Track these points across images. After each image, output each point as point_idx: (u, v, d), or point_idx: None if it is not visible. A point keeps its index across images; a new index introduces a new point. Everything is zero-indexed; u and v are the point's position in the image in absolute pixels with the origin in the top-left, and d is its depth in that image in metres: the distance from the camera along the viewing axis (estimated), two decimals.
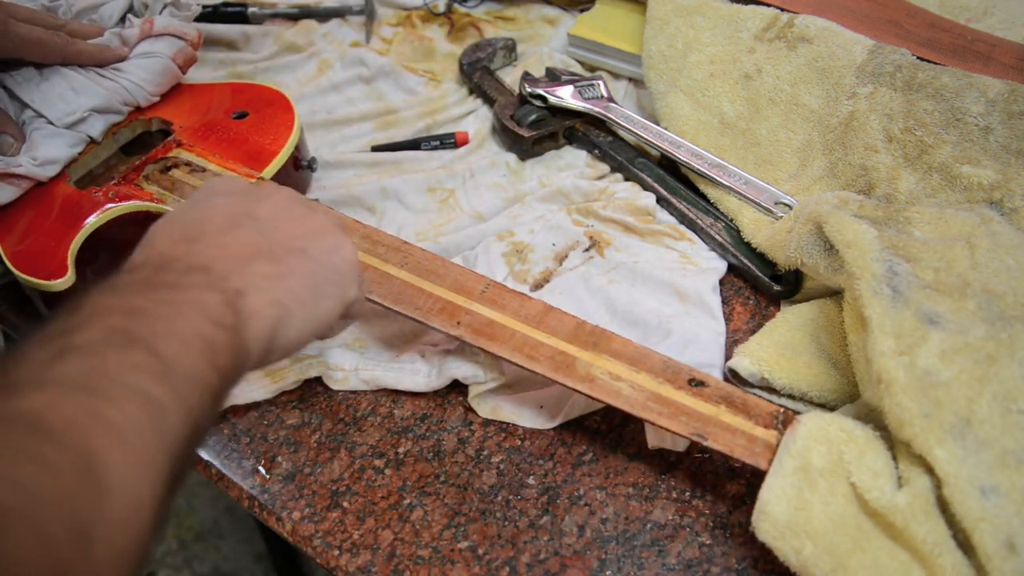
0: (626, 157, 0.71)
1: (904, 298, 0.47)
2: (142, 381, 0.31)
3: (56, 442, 0.27)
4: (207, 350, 0.34)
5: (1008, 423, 0.43)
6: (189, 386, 0.32)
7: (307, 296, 0.40)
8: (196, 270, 0.37)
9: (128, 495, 0.28)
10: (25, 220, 0.61)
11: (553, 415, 0.57)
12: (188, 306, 0.34)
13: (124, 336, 0.31)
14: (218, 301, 0.36)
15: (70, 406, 0.28)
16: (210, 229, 0.40)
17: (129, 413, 0.29)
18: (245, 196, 0.44)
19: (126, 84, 0.67)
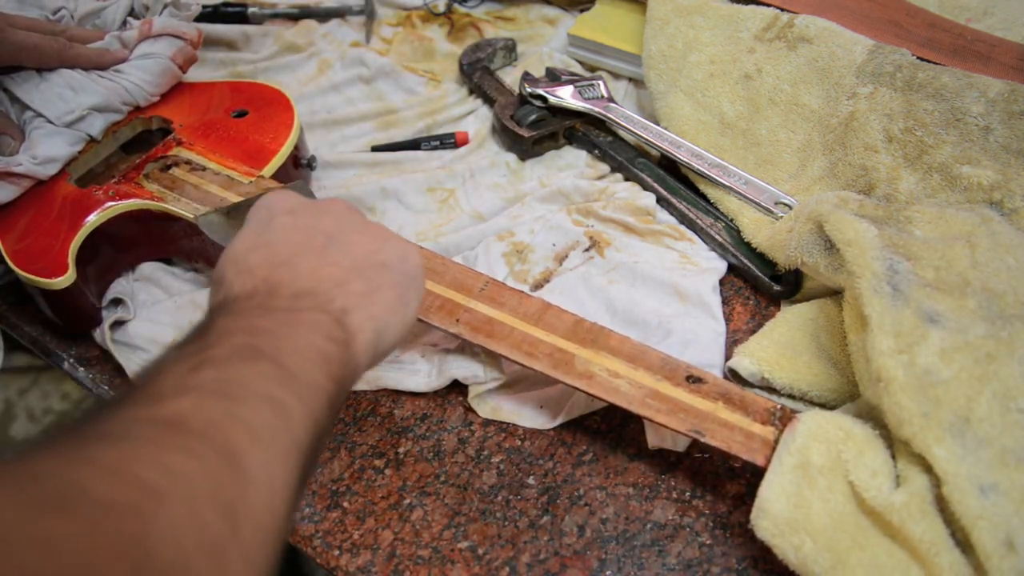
0: (626, 157, 0.71)
1: (904, 296, 0.47)
2: (271, 388, 0.34)
3: (201, 438, 0.30)
4: (324, 362, 0.38)
5: (1007, 422, 0.43)
6: (311, 393, 0.36)
7: (397, 305, 0.44)
8: (303, 295, 0.41)
9: (266, 483, 0.31)
10: (26, 219, 0.61)
11: (553, 415, 0.57)
12: (304, 325, 0.39)
13: (252, 351, 0.35)
14: (328, 320, 0.40)
15: (210, 409, 0.31)
16: (295, 252, 0.43)
17: (262, 415, 0.33)
18: (306, 213, 0.47)
19: (126, 84, 0.67)
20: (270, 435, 0.32)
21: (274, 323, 0.38)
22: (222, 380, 0.33)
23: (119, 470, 0.27)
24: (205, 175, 0.64)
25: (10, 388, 1.80)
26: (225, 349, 0.35)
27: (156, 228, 0.63)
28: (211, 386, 0.33)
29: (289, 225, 0.45)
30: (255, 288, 0.41)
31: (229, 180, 0.63)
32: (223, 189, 0.62)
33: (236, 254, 0.43)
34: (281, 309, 0.39)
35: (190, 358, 0.34)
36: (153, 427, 0.30)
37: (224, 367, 0.34)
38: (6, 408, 1.78)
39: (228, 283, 0.42)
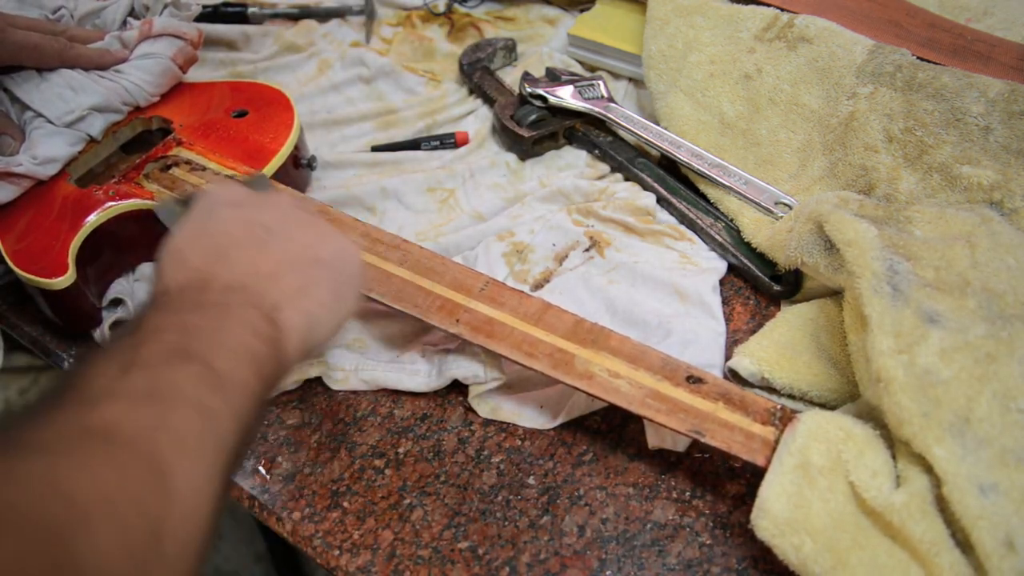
0: (626, 157, 0.71)
1: (904, 296, 0.47)
2: (200, 392, 0.35)
3: (129, 449, 0.31)
4: (253, 362, 0.38)
5: (1007, 421, 0.43)
6: (239, 394, 0.36)
7: (330, 301, 0.44)
8: (235, 289, 0.41)
9: (191, 493, 0.32)
10: (26, 219, 0.61)
11: (553, 415, 0.57)
12: (234, 321, 0.39)
13: (181, 351, 0.36)
14: (259, 317, 0.40)
15: (139, 417, 0.32)
16: (232, 244, 0.43)
17: (190, 422, 0.33)
18: (250, 205, 0.47)
19: (126, 85, 0.67)
20: (197, 443, 0.33)
21: (204, 319, 0.38)
22: (151, 385, 0.34)
23: (47, 485, 0.28)
24: (205, 175, 0.64)
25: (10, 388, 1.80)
26: (156, 348, 0.35)
27: (156, 228, 0.63)
28: (141, 391, 0.33)
29: (230, 217, 0.45)
30: (188, 281, 0.41)
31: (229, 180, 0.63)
32: None
33: (175, 245, 0.43)
34: (211, 304, 0.39)
35: (121, 355, 0.35)
36: (82, 437, 0.30)
37: (154, 370, 0.34)
38: (6, 408, 1.78)
39: (165, 274, 0.42)
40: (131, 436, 0.31)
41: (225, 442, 0.35)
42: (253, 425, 0.38)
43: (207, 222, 0.45)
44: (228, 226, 0.44)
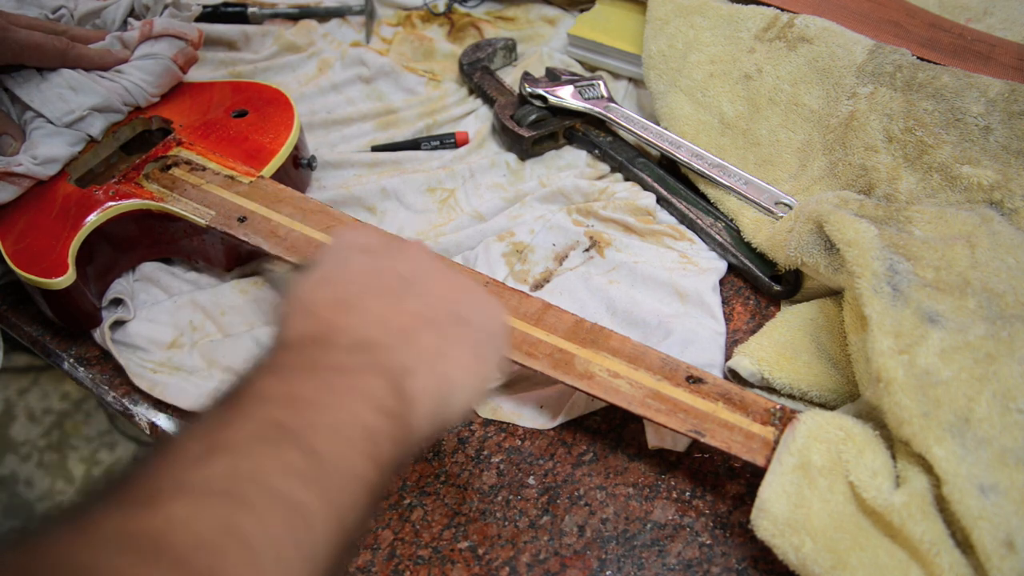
0: (626, 157, 0.71)
1: (904, 296, 0.47)
2: (291, 485, 0.29)
3: (180, 568, 0.25)
4: (368, 442, 0.32)
5: (1007, 422, 0.43)
6: (343, 485, 0.30)
7: (471, 364, 0.39)
8: (362, 347, 0.35)
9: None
10: (26, 219, 0.61)
11: (553, 415, 0.57)
12: (352, 393, 0.33)
13: (278, 430, 0.30)
14: (384, 386, 0.34)
15: (204, 520, 0.26)
16: (364, 294, 0.38)
17: (269, 526, 0.27)
18: (384, 252, 0.42)
19: (127, 85, 0.67)
20: (273, 556, 0.27)
21: (317, 389, 0.32)
22: (232, 474, 0.28)
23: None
24: (205, 175, 0.64)
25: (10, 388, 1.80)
26: (249, 425, 0.30)
27: (156, 228, 0.63)
28: (217, 482, 0.28)
29: (363, 264, 0.41)
30: (312, 332, 0.36)
31: (229, 180, 0.63)
32: (223, 189, 0.62)
33: (301, 291, 0.39)
34: (331, 368, 0.34)
35: (207, 435, 0.30)
36: (126, 550, 0.25)
37: (240, 454, 0.29)
38: (6, 408, 1.78)
39: (287, 324, 0.38)
40: (185, 550, 0.25)
41: (314, 549, 0.28)
42: (359, 523, 0.31)
43: (337, 268, 0.40)
44: (360, 274, 0.40)
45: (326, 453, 0.30)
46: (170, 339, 0.62)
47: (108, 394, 0.61)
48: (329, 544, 0.29)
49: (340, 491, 0.30)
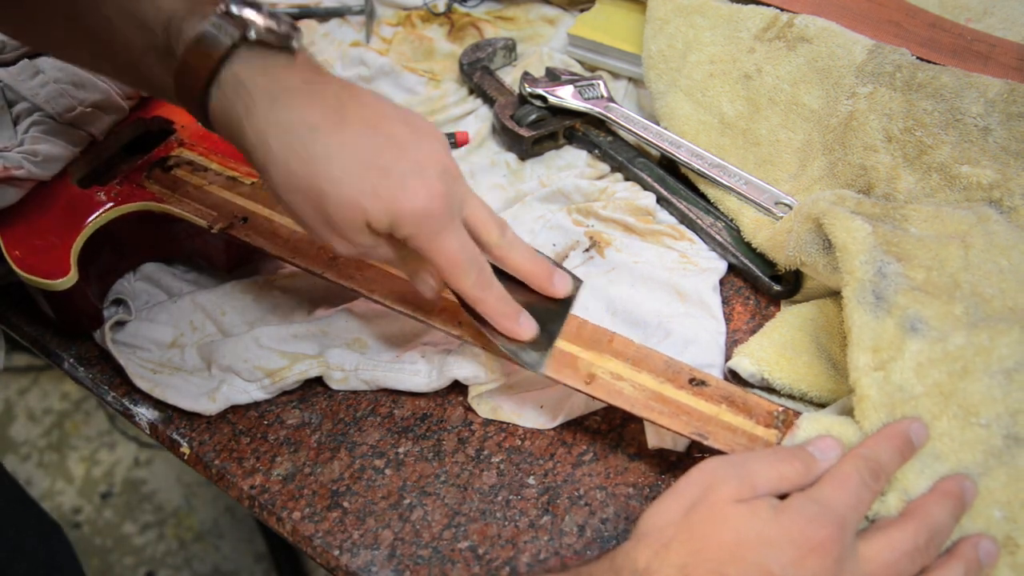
0: (626, 157, 0.71)
1: (888, 305, 0.48)
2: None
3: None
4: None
5: (967, 437, 0.44)
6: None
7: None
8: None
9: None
10: (27, 219, 0.61)
11: (553, 415, 0.57)
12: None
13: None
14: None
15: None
16: (725, 563, 0.37)
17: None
18: (764, 514, 0.39)
19: None
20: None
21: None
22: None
23: None
24: (207, 176, 0.64)
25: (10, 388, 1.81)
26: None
27: (158, 229, 0.63)
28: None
29: (733, 522, 0.38)
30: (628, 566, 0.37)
31: (231, 181, 0.63)
32: (225, 190, 0.62)
33: (656, 523, 0.39)
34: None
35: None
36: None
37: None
38: (6, 408, 1.78)
39: (638, 554, 0.38)
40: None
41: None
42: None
43: (696, 512, 0.39)
44: (725, 539, 0.38)
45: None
46: (170, 339, 0.62)
47: (108, 394, 0.61)
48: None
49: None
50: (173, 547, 1.55)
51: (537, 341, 0.51)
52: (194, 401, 0.58)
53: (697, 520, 0.39)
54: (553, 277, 0.52)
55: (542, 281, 0.52)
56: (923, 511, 0.41)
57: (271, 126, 0.44)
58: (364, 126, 0.45)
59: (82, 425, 1.74)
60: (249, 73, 0.44)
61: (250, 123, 0.44)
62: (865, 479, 0.40)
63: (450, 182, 0.46)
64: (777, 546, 0.37)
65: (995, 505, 0.43)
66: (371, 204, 0.44)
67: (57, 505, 1.62)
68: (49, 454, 1.71)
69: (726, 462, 0.41)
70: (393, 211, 0.44)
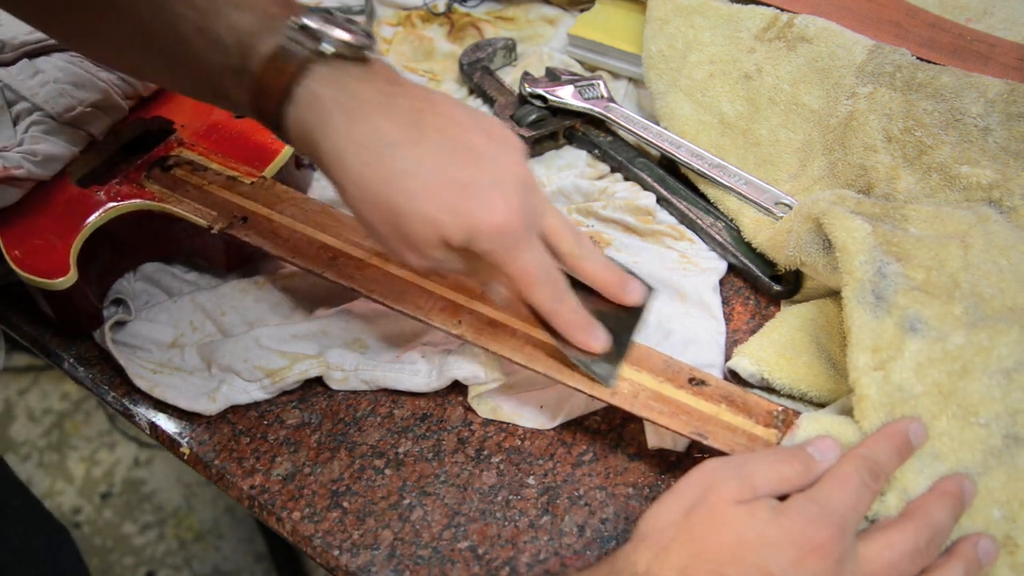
0: (626, 157, 0.71)
1: (888, 305, 0.48)
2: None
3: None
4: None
5: (966, 437, 0.44)
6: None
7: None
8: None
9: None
10: (27, 219, 0.61)
11: (553, 415, 0.57)
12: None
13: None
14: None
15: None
16: (723, 566, 0.37)
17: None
18: (764, 515, 0.39)
19: None
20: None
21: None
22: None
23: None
24: (207, 176, 0.64)
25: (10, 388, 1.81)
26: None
27: (157, 229, 0.63)
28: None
29: (732, 523, 0.38)
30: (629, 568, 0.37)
31: (231, 181, 0.63)
32: (225, 190, 0.62)
33: (657, 524, 0.39)
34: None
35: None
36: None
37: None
38: (6, 408, 1.79)
39: (638, 557, 0.39)
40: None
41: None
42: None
43: (695, 514, 0.39)
44: (724, 538, 0.38)
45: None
46: (170, 339, 0.62)
47: (108, 394, 0.61)
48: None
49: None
50: (173, 547, 1.55)
51: (609, 353, 0.50)
52: (194, 401, 0.58)
53: (697, 521, 0.39)
54: (626, 286, 0.51)
55: (615, 290, 0.51)
56: (923, 511, 0.41)
57: (347, 142, 0.43)
58: (441, 137, 0.43)
59: (82, 425, 1.75)
60: (324, 87, 0.43)
61: (326, 139, 0.43)
62: (865, 479, 0.40)
63: (528, 195, 0.45)
64: (777, 547, 0.37)
65: (994, 505, 0.43)
66: (449, 220, 0.42)
67: (57, 505, 1.62)
68: (49, 454, 1.71)
69: (726, 463, 0.41)
70: (471, 227, 0.43)
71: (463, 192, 0.43)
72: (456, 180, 0.43)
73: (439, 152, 0.43)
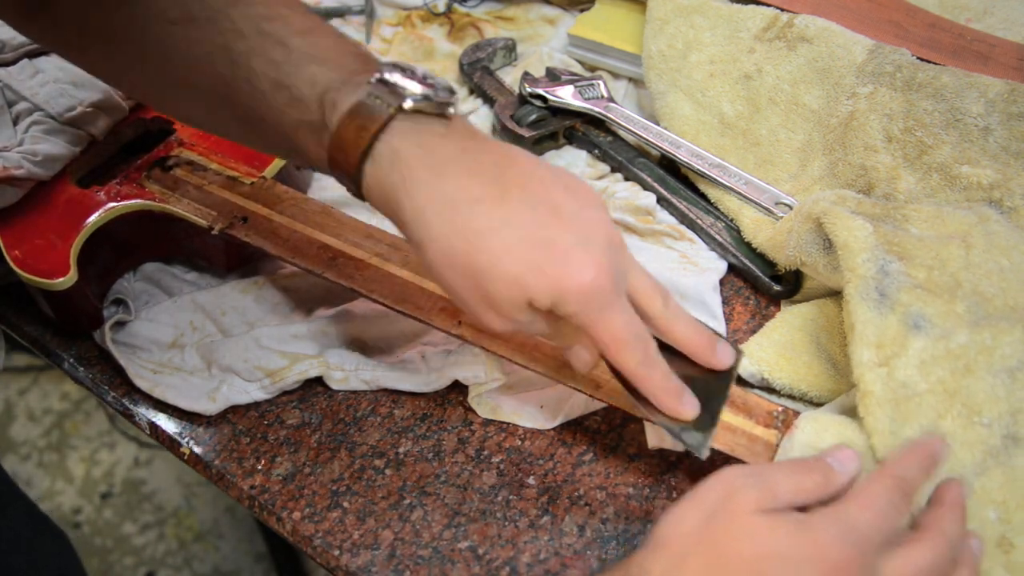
0: (626, 157, 0.71)
1: (891, 302, 0.48)
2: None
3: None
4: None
5: (969, 436, 0.44)
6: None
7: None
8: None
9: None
10: (27, 219, 0.61)
11: (553, 415, 0.57)
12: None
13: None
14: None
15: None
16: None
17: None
18: (789, 533, 0.38)
19: None
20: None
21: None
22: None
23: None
24: (207, 176, 0.64)
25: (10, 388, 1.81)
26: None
27: (158, 229, 0.63)
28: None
29: (754, 536, 0.37)
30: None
31: (231, 181, 0.63)
32: (225, 190, 0.62)
33: (674, 531, 0.38)
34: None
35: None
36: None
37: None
38: (6, 408, 1.79)
39: (652, 565, 0.38)
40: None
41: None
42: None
43: (722, 529, 0.38)
44: (751, 561, 0.37)
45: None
46: (170, 339, 0.62)
47: (108, 394, 0.61)
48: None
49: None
50: (173, 547, 1.55)
51: (699, 420, 0.47)
52: (194, 401, 0.58)
53: (716, 530, 0.38)
54: (716, 349, 0.49)
55: (706, 353, 0.48)
56: (938, 525, 0.40)
57: (430, 201, 0.41)
58: (524, 195, 0.42)
59: (82, 425, 1.75)
60: (406, 144, 0.42)
61: (408, 197, 0.42)
62: (894, 499, 0.40)
63: (615, 254, 0.43)
64: (799, 564, 0.37)
65: (990, 505, 0.43)
66: (535, 281, 0.41)
67: (57, 505, 1.62)
68: (49, 454, 1.71)
69: (745, 471, 0.41)
70: (558, 289, 0.41)
71: (550, 251, 0.41)
72: (542, 239, 0.41)
73: (523, 210, 0.41)
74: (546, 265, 0.41)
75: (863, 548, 0.38)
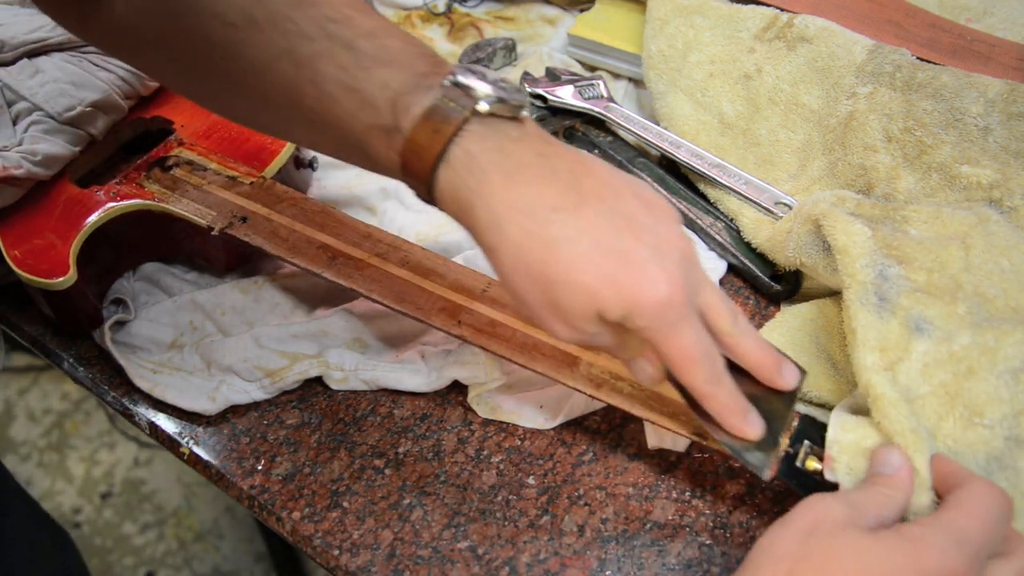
0: (626, 157, 0.71)
1: (891, 306, 0.47)
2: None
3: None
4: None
5: (969, 437, 0.44)
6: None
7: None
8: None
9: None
10: (27, 219, 0.61)
11: (553, 415, 0.57)
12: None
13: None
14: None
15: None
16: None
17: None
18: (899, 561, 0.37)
19: (122, 74, 0.66)
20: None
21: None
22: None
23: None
24: (206, 176, 0.64)
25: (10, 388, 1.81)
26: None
27: (157, 229, 0.63)
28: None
29: (857, 550, 0.37)
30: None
31: (230, 181, 0.63)
32: (224, 190, 0.62)
33: (772, 554, 0.37)
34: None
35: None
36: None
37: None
38: (6, 408, 1.79)
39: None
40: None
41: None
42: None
43: (822, 546, 0.37)
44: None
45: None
46: (170, 339, 0.62)
47: (108, 394, 0.61)
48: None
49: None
50: (173, 547, 1.55)
51: (762, 440, 0.47)
52: (194, 401, 0.58)
53: (816, 548, 0.37)
54: (782, 369, 0.48)
55: (771, 373, 0.47)
56: None
57: (505, 206, 0.40)
58: (600, 204, 0.41)
59: (82, 425, 1.75)
60: (481, 148, 0.41)
61: (483, 202, 0.41)
62: (1001, 507, 0.39)
63: (689, 268, 0.42)
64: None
65: None
66: (608, 293, 0.40)
67: (57, 505, 1.62)
68: (49, 454, 1.71)
69: (826, 494, 0.40)
70: (631, 302, 0.40)
71: (625, 263, 0.40)
72: (616, 250, 0.40)
73: (599, 220, 0.40)
74: (620, 277, 0.40)
75: (971, 559, 0.36)
